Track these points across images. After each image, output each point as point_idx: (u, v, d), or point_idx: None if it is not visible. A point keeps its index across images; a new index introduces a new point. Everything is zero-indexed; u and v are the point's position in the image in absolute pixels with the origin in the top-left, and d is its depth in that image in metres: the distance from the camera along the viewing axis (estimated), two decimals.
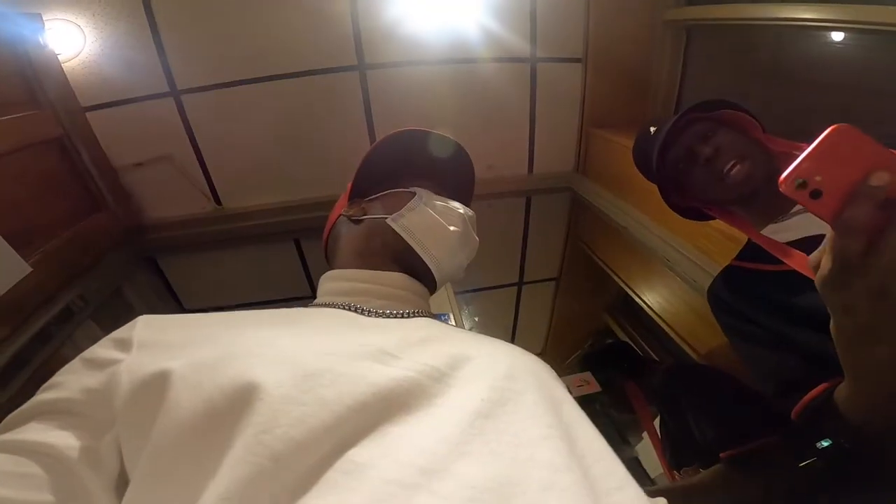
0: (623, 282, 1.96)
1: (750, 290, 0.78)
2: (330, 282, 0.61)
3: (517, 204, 2.10)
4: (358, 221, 0.65)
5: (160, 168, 1.72)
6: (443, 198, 0.67)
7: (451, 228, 0.63)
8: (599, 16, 1.79)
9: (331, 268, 0.64)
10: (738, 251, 0.88)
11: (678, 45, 1.82)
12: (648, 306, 1.88)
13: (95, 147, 1.63)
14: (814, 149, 0.35)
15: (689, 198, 0.87)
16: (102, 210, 1.64)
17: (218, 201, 1.84)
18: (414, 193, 0.65)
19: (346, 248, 0.65)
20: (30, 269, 1.25)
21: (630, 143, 0.98)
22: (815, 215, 0.37)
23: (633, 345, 2.16)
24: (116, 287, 1.71)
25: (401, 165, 0.70)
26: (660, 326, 1.84)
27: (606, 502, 0.33)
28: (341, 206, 0.70)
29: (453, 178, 0.74)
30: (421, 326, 0.52)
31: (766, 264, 0.76)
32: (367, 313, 0.54)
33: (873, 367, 0.46)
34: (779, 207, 0.78)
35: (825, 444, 0.80)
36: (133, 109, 1.63)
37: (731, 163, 0.75)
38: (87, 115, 1.59)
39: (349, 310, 0.54)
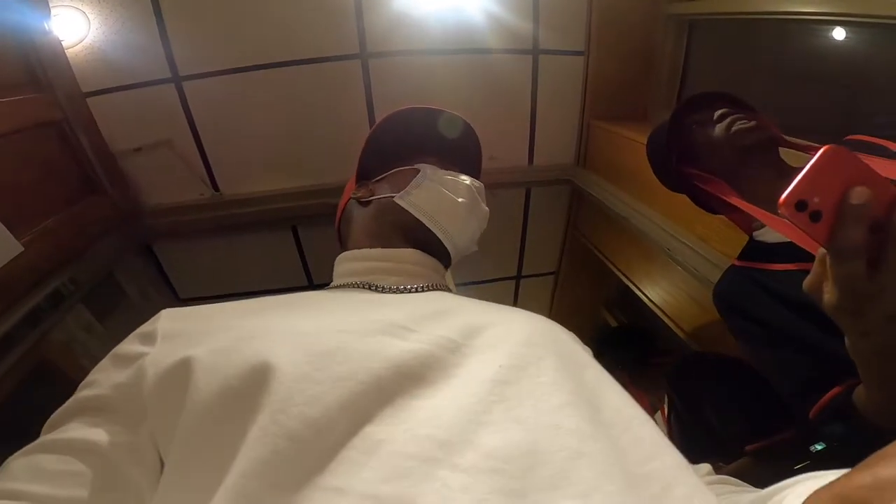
0: (623, 274, 1.95)
1: (756, 290, 0.78)
2: (344, 263, 0.62)
3: (516, 195, 2.10)
4: (367, 203, 0.66)
5: (159, 154, 1.71)
6: (449, 171, 0.67)
7: (459, 200, 0.63)
8: (603, 8, 1.79)
9: (344, 251, 0.64)
10: (739, 247, 0.88)
11: (680, 38, 1.83)
12: (649, 299, 1.87)
13: (94, 132, 1.61)
14: (809, 169, 0.34)
15: (691, 162, 0.88)
16: (99, 194, 1.61)
17: (216, 188, 1.81)
18: (419, 170, 0.66)
19: (358, 229, 0.65)
20: (21, 249, 1.23)
21: (632, 134, 1.01)
22: (815, 241, 0.36)
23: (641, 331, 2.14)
24: (109, 272, 1.68)
25: (404, 144, 0.70)
26: (661, 321, 1.83)
27: (639, 472, 0.32)
28: (350, 190, 0.70)
29: (459, 152, 0.74)
30: (435, 299, 0.51)
31: (770, 263, 0.77)
32: (381, 290, 0.54)
33: (893, 378, 0.46)
34: (772, 196, 0.77)
35: (819, 447, 0.81)
36: (134, 95, 1.61)
37: (741, 121, 0.80)
38: (88, 100, 1.58)
39: (364, 288, 0.55)
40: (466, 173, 0.70)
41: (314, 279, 2.13)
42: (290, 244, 2.01)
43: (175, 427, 0.34)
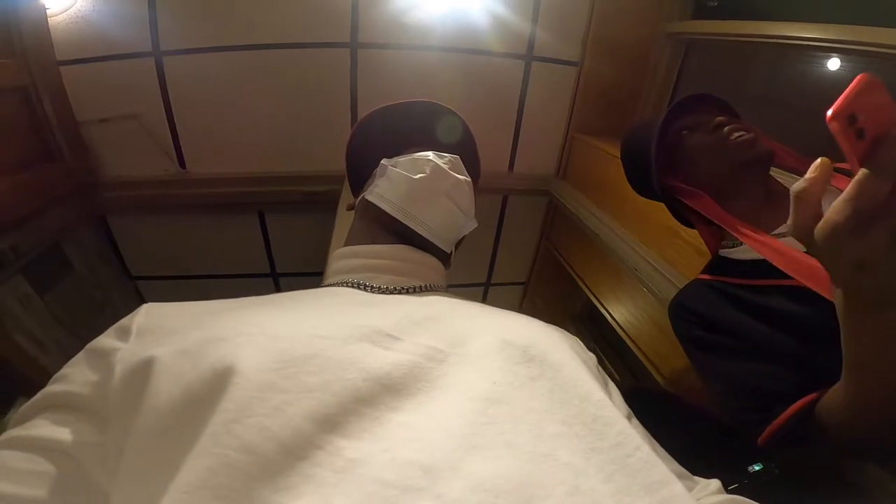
0: (590, 291, 1.96)
1: (722, 301, 0.75)
2: (337, 260, 0.60)
3: (493, 202, 2.07)
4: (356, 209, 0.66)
5: (126, 126, 1.62)
6: (410, 153, 0.64)
7: (416, 176, 0.59)
8: (602, 21, 1.77)
9: None
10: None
11: (676, 58, 1.83)
12: (613, 318, 1.87)
13: (62, 99, 1.53)
14: (854, 87, 0.35)
15: (675, 174, 0.84)
16: (55, 161, 1.53)
17: (182, 165, 1.73)
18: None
19: (352, 230, 0.65)
20: None
21: (614, 150, 0.97)
22: (851, 157, 0.37)
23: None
24: (55, 243, 1.59)
25: (379, 146, 0.69)
26: (623, 343, 1.84)
27: (648, 501, 0.30)
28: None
29: (427, 134, 0.71)
30: (428, 302, 0.48)
31: (740, 279, 0.75)
32: (372, 290, 0.52)
33: (881, 337, 0.43)
34: (757, 217, 0.76)
35: (756, 467, 0.80)
36: (110, 66, 1.54)
37: (740, 132, 0.76)
38: (62, 68, 1.51)
39: (355, 288, 0.53)
40: (450, 152, 0.65)
41: (277, 267, 2.06)
42: (256, 229, 1.94)
43: (130, 431, 0.32)
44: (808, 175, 0.39)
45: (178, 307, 0.44)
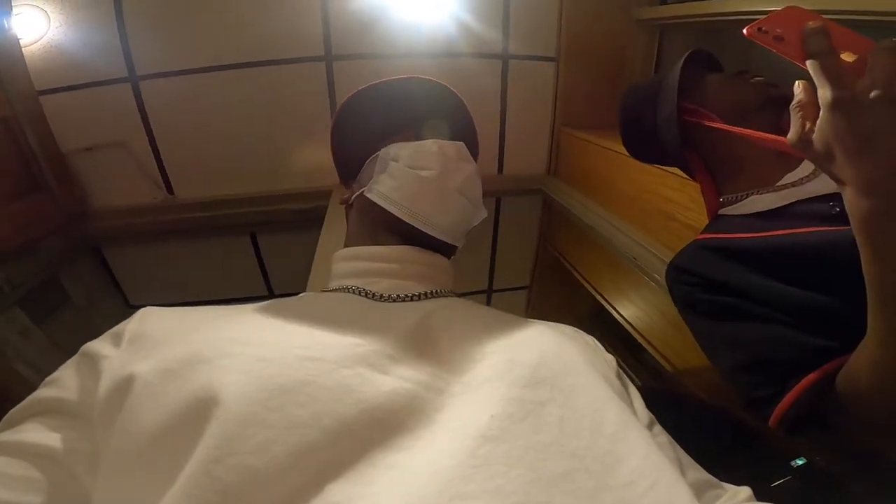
0: (594, 289, 1.88)
1: (726, 260, 0.65)
2: (338, 263, 0.57)
3: (486, 206, 2.02)
4: (352, 204, 0.62)
5: (111, 154, 1.65)
6: (409, 142, 0.59)
7: (424, 174, 0.55)
8: (573, 15, 1.76)
9: None
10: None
11: (651, 44, 1.80)
12: (621, 315, 1.78)
13: (44, 129, 1.57)
14: (770, 15, 0.45)
15: (691, 98, 0.79)
16: (42, 192, 1.56)
17: (170, 191, 1.76)
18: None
19: (350, 230, 0.62)
20: None
21: (602, 141, 0.93)
22: (785, 56, 0.43)
23: None
24: (52, 274, 1.62)
25: (368, 130, 0.65)
26: (635, 341, 1.74)
27: None
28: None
29: (433, 116, 0.66)
30: (432, 313, 0.44)
31: (745, 233, 0.66)
32: (375, 297, 0.49)
33: None
34: (765, 178, 0.70)
35: (800, 462, 0.71)
36: (89, 94, 1.57)
37: (760, 77, 0.74)
38: (41, 98, 1.55)
39: (354, 294, 0.49)
40: (444, 136, 0.61)
41: (274, 289, 2.05)
42: (249, 251, 1.94)
43: (107, 450, 0.31)
44: (798, 92, 0.42)
45: (174, 313, 0.42)
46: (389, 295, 0.49)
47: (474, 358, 0.37)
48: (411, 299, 0.49)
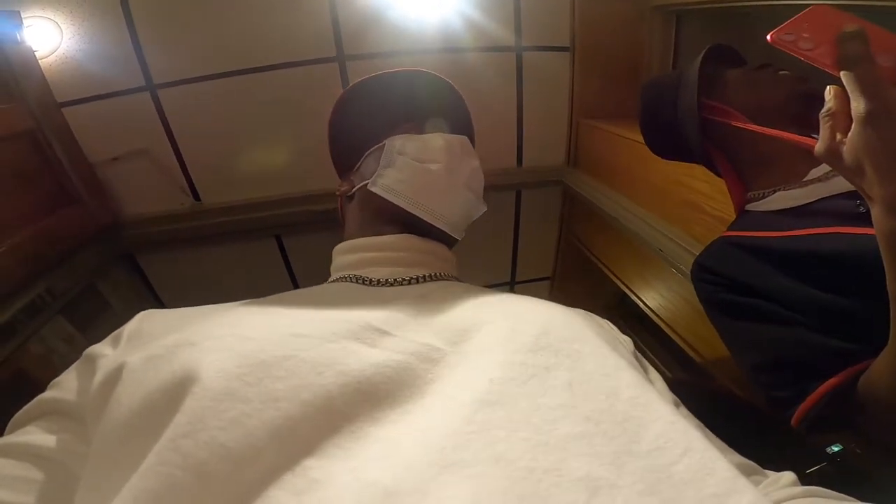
0: (618, 279, 1.86)
1: (752, 259, 0.65)
2: (337, 257, 0.57)
3: (507, 198, 2.02)
4: (352, 197, 0.62)
5: (136, 163, 1.69)
6: (415, 136, 0.60)
7: (433, 167, 0.56)
8: (585, 2, 1.72)
9: None
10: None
11: (668, 30, 1.75)
12: (646, 304, 1.77)
13: (70, 141, 1.60)
14: (795, 18, 0.42)
15: (713, 95, 0.78)
16: (75, 205, 1.60)
17: (197, 197, 1.80)
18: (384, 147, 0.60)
19: (349, 223, 0.62)
20: None
21: (622, 131, 0.91)
22: (815, 64, 0.40)
23: None
24: (90, 283, 1.67)
25: (371, 121, 0.65)
26: (661, 329, 1.72)
27: None
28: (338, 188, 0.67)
29: (433, 110, 0.67)
30: (431, 291, 0.44)
31: (773, 231, 0.65)
32: (374, 283, 0.49)
33: None
34: (791, 173, 0.69)
35: (836, 448, 0.70)
36: (109, 104, 1.60)
37: (786, 71, 0.71)
38: (64, 110, 1.58)
39: (355, 282, 0.50)
40: (445, 130, 0.62)
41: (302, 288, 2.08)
42: (275, 253, 1.97)
43: (95, 440, 0.31)
44: (829, 99, 0.40)
45: (174, 313, 0.43)
46: (388, 279, 0.49)
47: (473, 329, 0.36)
48: (410, 282, 0.49)
